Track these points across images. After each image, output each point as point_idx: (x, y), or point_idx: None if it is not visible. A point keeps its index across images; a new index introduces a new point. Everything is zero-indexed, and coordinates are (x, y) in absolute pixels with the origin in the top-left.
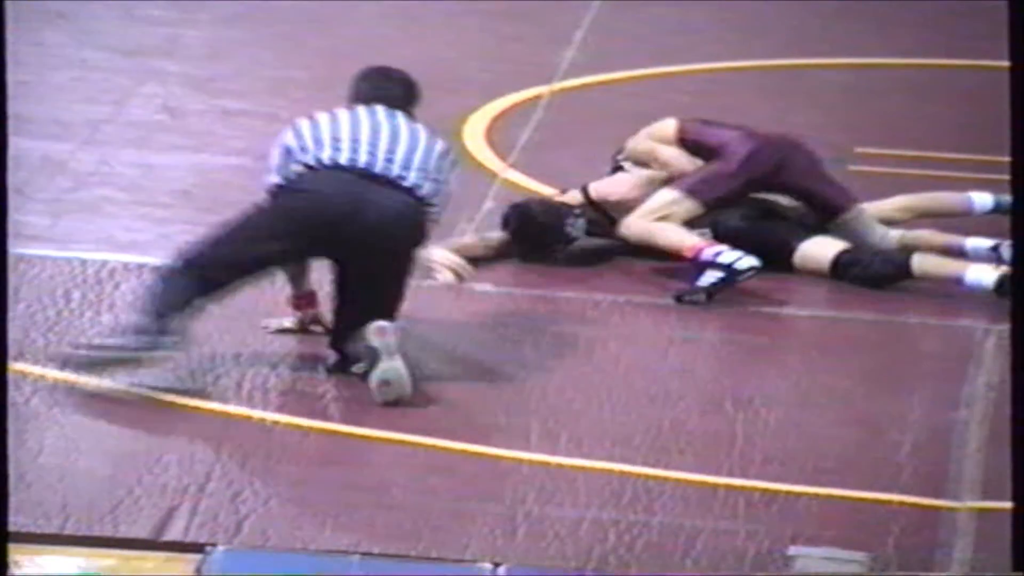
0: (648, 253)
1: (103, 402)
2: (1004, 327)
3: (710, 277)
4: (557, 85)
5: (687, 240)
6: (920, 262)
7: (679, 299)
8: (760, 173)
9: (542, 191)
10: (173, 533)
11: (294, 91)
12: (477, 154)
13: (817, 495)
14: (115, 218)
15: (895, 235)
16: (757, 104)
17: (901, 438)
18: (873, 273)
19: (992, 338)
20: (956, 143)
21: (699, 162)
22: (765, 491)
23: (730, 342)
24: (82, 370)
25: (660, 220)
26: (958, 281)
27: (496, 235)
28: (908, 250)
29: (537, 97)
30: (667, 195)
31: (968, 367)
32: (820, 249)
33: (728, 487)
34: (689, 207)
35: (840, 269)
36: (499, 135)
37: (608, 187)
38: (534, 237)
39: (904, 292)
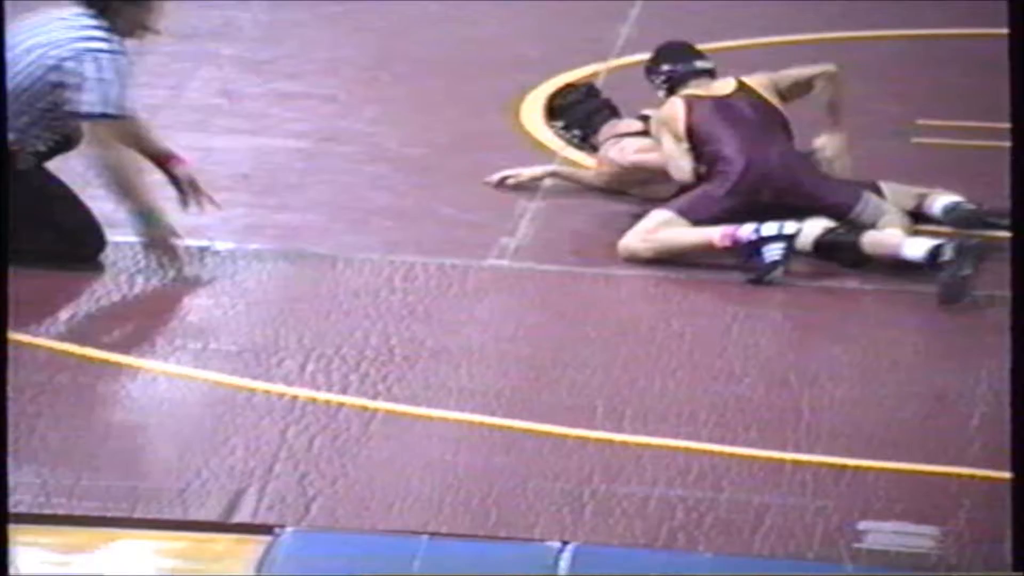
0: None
1: (168, 385)
2: None
3: (774, 251)
4: (613, 62)
5: (711, 232)
6: (869, 242)
7: (758, 281)
8: (751, 197)
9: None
10: (242, 515)
11: (349, 71)
12: (535, 133)
13: (885, 469)
14: (175, 202)
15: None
16: None
17: (969, 411)
18: (842, 258)
19: None
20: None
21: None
22: (832, 466)
23: (793, 318)
24: None
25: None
26: (899, 257)
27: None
28: (863, 230)
29: (593, 74)
30: (660, 215)
31: None
32: (808, 231)
33: (795, 463)
34: (682, 226)
35: (821, 253)
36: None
37: (622, 129)
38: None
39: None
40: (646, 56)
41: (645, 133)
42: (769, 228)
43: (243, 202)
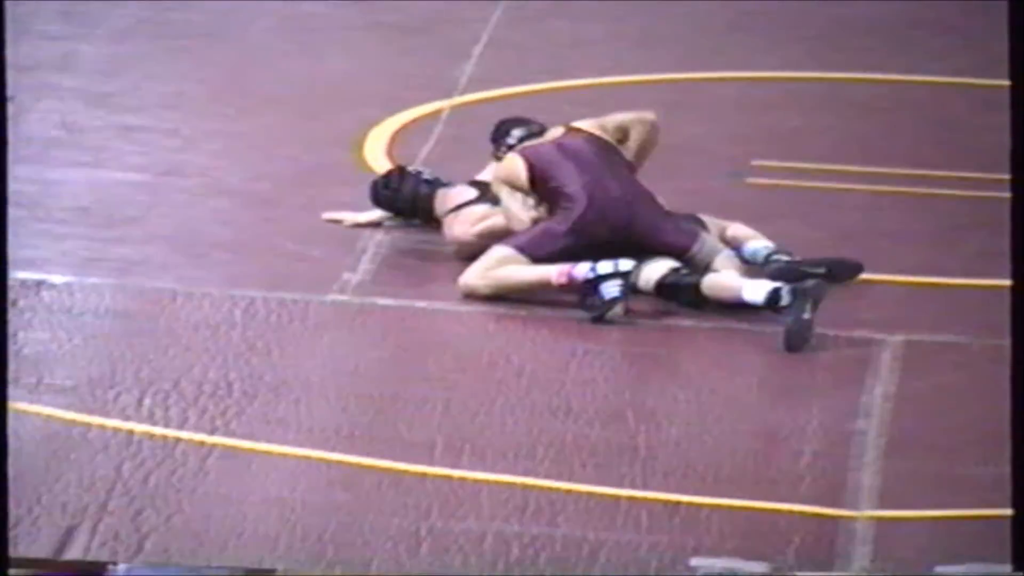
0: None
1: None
2: (899, 337)
3: (612, 288)
4: (457, 99)
5: (548, 271)
6: (709, 284)
7: (598, 318)
8: (590, 234)
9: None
10: (74, 552)
11: (192, 105)
12: (378, 168)
13: (718, 506)
14: (12, 235)
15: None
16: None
17: (800, 448)
18: (681, 300)
19: (888, 348)
20: (850, 155)
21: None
22: (667, 502)
23: (630, 355)
24: None
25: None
26: (738, 301)
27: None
28: (704, 272)
29: (437, 111)
30: (499, 252)
31: (865, 377)
32: (650, 272)
33: (630, 499)
34: (521, 263)
35: (663, 293)
36: (400, 149)
37: (455, 200)
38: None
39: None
40: (490, 94)
41: (481, 199)
42: (605, 266)
43: (82, 235)
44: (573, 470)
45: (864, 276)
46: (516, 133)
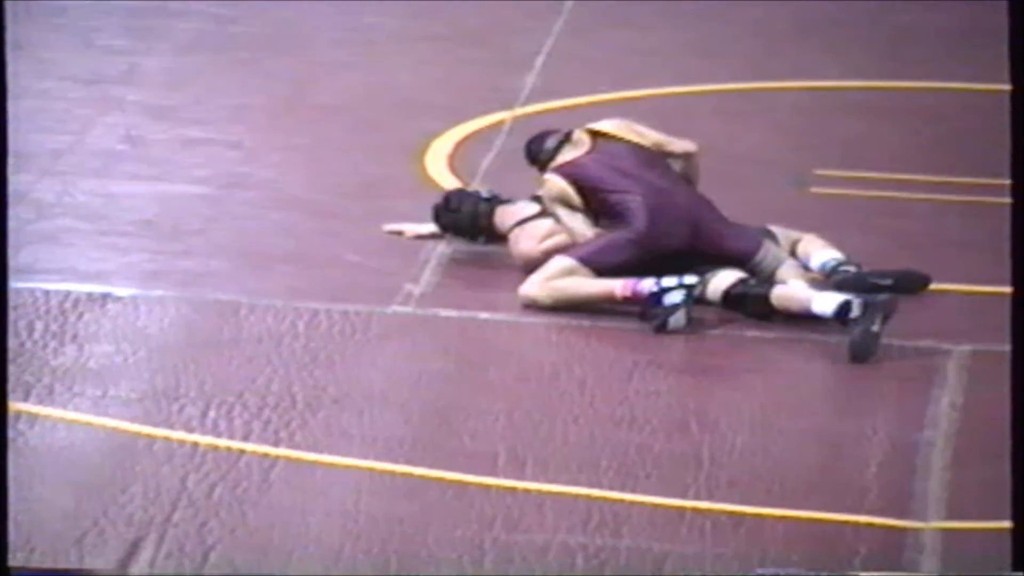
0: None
1: (66, 432)
2: (966, 347)
3: (674, 297)
4: (519, 110)
5: (612, 284)
6: (777, 295)
7: (661, 327)
8: (654, 244)
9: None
10: (139, 565)
11: (254, 118)
12: (440, 180)
13: (783, 517)
14: (77, 248)
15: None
16: (715, 127)
17: (866, 459)
18: (748, 311)
19: (954, 358)
20: (914, 164)
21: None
22: (731, 514)
23: (693, 365)
24: None
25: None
26: (807, 312)
27: (429, 227)
28: (772, 283)
29: (499, 122)
30: (561, 264)
31: (931, 387)
32: (717, 282)
33: (695, 510)
34: (584, 275)
35: (730, 304)
36: (462, 161)
37: (517, 216)
38: (451, 226)
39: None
40: (551, 105)
41: (543, 213)
42: (669, 281)
43: (146, 248)
44: (637, 481)
45: (932, 286)
46: (549, 145)
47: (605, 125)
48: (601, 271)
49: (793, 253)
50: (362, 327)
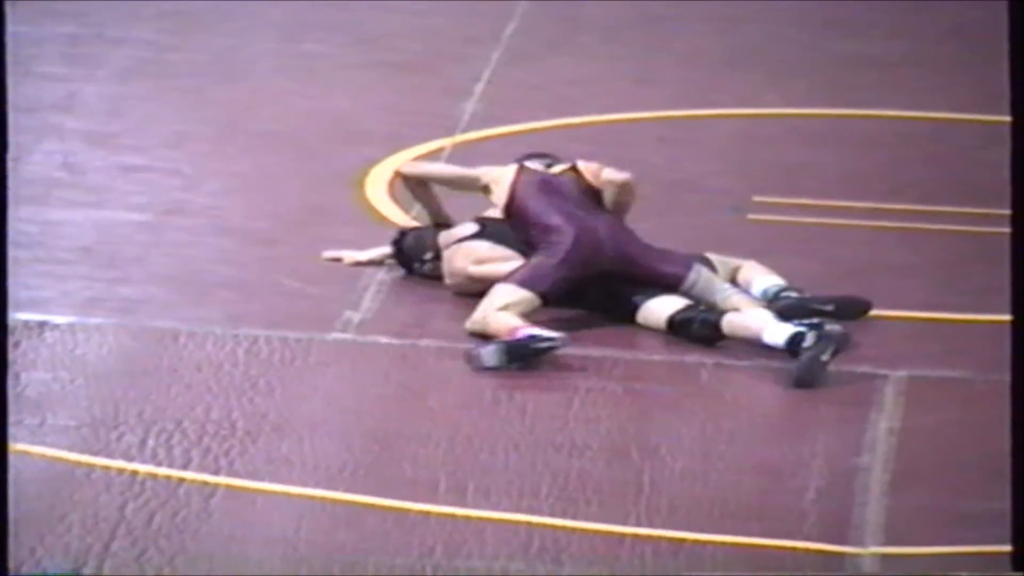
0: None
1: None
2: (903, 373)
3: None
4: (459, 137)
5: (512, 322)
6: (729, 322)
7: (475, 361)
8: (584, 264)
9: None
10: None
11: (194, 145)
12: (380, 207)
13: (723, 543)
14: (14, 276)
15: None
16: (654, 154)
17: (805, 484)
18: (696, 335)
19: (891, 383)
20: (851, 191)
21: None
22: (672, 540)
23: (634, 391)
24: None
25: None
26: (759, 343)
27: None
28: (723, 311)
29: (439, 149)
30: (503, 289)
31: (869, 412)
32: (660, 307)
33: (635, 536)
34: (525, 298)
35: (675, 329)
36: (402, 188)
37: (457, 235)
38: (399, 259)
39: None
40: (491, 131)
41: (481, 234)
42: (535, 331)
43: (84, 275)
44: (578, 507)
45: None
46: (535, 164)
47: (584, 164)
48: (544, 294)
49: (733, 280)
50: (302, 354)
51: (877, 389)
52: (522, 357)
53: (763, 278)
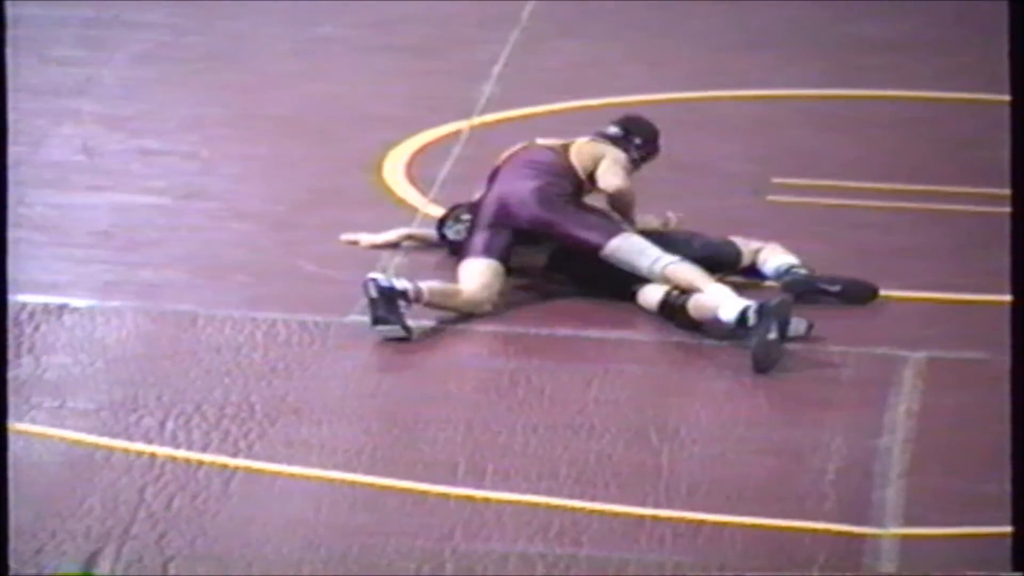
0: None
1: (24, 445)
2: (921, 354)
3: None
4: (476, 119)
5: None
6: (694, 305)
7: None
8: (498, 228)
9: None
10: None
11: (210, 128)
12: (398, 190)
13: (743, 524)
14: (34, 259)
15: (667, 261)
16: (671, 137)
17: (824, 466)
18: (677, 322)
19: (910, 365)
20: (869, 172)
21: None
22: (691, 522)
23: (652, 373)
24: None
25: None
26: (716, 321)
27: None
28: (687, 292)
29: (456, 132)
30: (473, 264)
31: (888, 394)
32: (654, 290)
33: (654, 518)
34: (476, 267)
35: (664, 312)
36: (419, 170)
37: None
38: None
39: (823, 319)
40: (509, 114)
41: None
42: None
43: (103, 259)
44: (596, 489)
45: (884, 293)
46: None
47: (582, 141)
48: (500, 256)
49: (754, 263)
50: (320, 337)
51: (896, 370)
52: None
53: (777, 257)
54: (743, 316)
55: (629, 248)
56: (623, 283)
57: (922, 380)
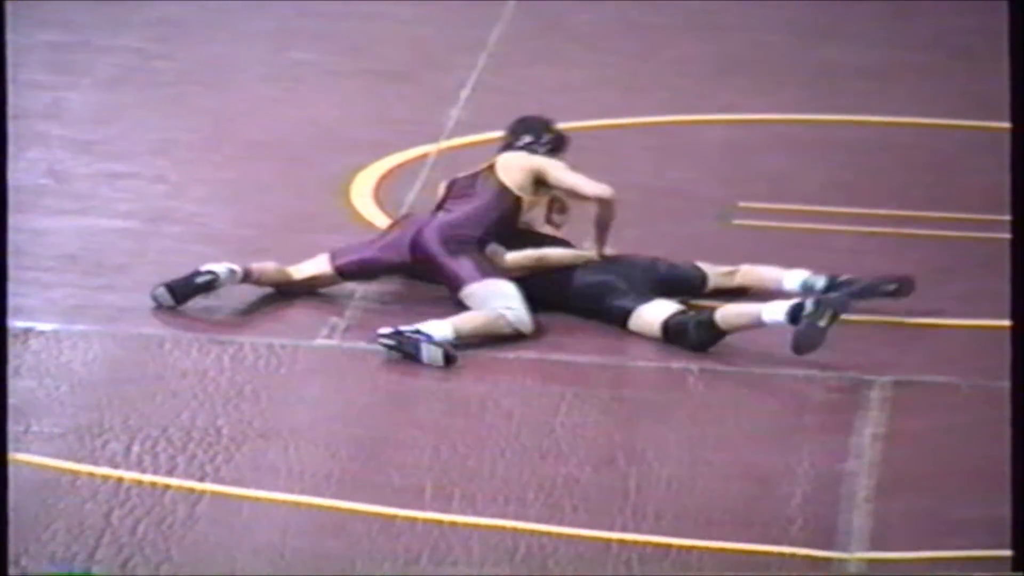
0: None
1: None
2: (888, 378)
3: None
4: (444, 143)
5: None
6: (723, 316)
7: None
8: (387, 246)
9: None
10: None
11: (179, 152)
12: (365, 213)
13: (710, 549)
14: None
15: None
16: (639, 161)
17: (790, 490)
18: (694, 339)
19: (876, 389)
20: (836, 197)
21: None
22: (658, 545)
23: (619, 397)
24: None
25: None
26: (759, 325)
27: None
28: (713, 308)
29: (424, 156)
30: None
31: (854, 418)
32: (652, 313)
33: (622, 542)
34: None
35: (670, 334)
36: (387, 194)
37: None
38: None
39: (787, 343)
40: (476, 138)
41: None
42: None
43: (69, 282)
44: (564, 513)
45: (852, 317)
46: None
47: (505, 159)
48: (338, 269)
49: (738, 288)
50: (288, 361)
51: (862, 394)
52: (187, 293)
53: (793, 272)
54: (797, 309)
55: (486, 294)
56: (602, 303)
57: (889, 404)
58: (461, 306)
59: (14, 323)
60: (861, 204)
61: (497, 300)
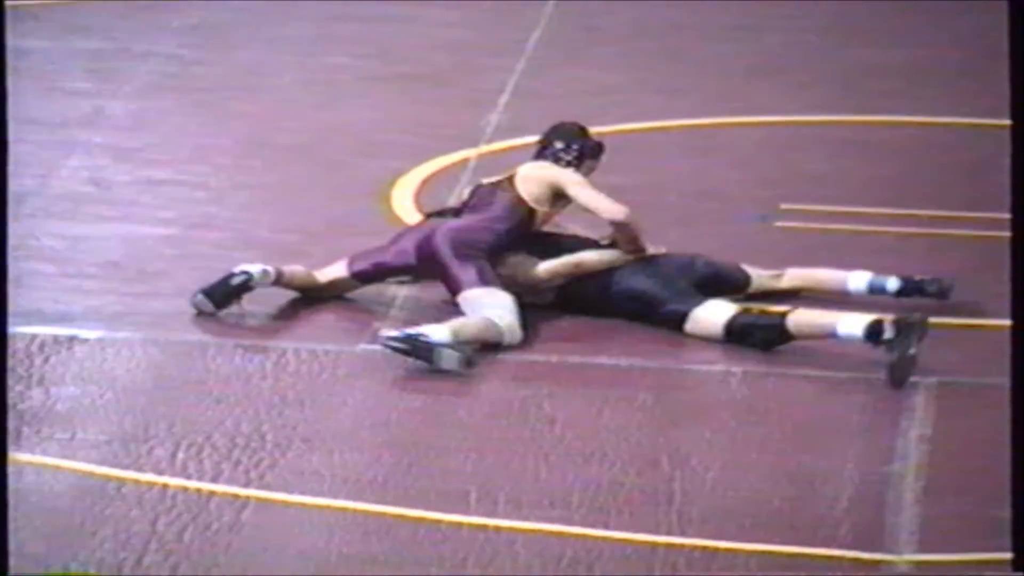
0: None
1: (35, 476)
2: (933, 379)
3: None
4: (484, 148)
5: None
6: (795, 322)
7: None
8: (398, 251)
9: None
10: None
11: (219, 158)
12: (407, 218)
13: (756, 551)
14: (43, 291)
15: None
16: (679, 163)
17: (837, 492)
18: (757, 340)
19: (922, 390)
20: (878, 197)
21: None
22: (704, 549)
23: (664, 400)
24: None
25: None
26: (832, 336)
27: None
28: (784, 312)
29: (464, 160)
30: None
31: (900, 420)
32: (712, 314)
33: (667, 546)
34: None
35: (733, 335)
36: (428, 199)
37: None
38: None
39: (833, 346)
40: (516, 142)
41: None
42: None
43: (112, 289)
44: (609, 517)
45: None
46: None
47: (528, 169)
48: (355, 273)
49: (789, 291)
50: (331, 366)
51: (908, 396)
52: (225, 296)
53: (857, 274)
54: (875, 329)
55: (481, 304)
56: (646, 318)
57: (934, 405)
58: (460, 311)
59: (59, 330)
60: (902, 205)
61: (491, 308)
